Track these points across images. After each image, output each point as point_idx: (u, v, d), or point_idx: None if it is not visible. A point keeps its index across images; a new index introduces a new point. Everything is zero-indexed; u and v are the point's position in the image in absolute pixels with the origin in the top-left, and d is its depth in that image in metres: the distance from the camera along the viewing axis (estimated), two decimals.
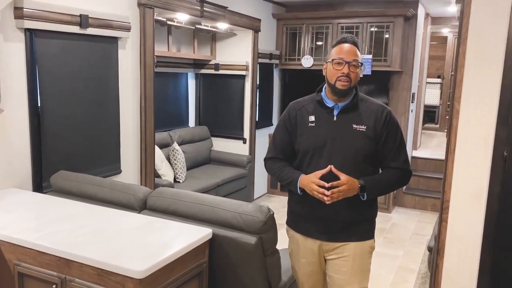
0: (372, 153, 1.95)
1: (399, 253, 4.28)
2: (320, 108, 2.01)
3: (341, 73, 1.89)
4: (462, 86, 1.59)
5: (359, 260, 2.01)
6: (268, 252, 2.19)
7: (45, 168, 2.88)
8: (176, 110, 5.27)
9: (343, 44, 1.93)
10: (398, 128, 1.99)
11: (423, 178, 5.96)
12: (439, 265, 1.70)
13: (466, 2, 1.53)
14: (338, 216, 1.97)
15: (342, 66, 1.89)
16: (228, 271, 2.21)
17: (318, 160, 1.95)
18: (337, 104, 1.98)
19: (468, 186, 1.63)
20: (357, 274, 2.02)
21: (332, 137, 1.94)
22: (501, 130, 1.54)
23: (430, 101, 9.80)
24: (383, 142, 1.95)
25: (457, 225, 1.66)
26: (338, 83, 1.90)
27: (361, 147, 1.92)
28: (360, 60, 1.93)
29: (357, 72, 1.92)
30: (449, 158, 1.64)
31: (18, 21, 2.64)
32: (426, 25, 6.49)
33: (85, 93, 3.15)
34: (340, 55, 1.90)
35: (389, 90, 5.60)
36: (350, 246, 2.00)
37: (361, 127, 1.93)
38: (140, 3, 3.50)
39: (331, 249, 2.03)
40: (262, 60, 5.48)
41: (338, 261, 2.03)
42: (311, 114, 2.01)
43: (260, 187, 5.84)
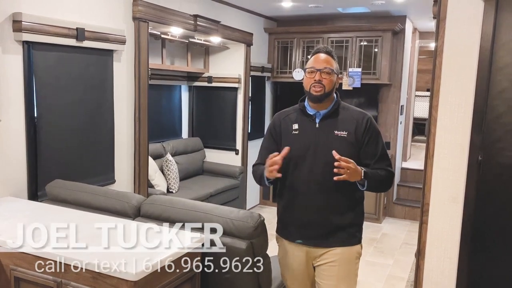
0: (354, 158, 1.99)
1: (389, 262, 4.35)
2: (303, 117, 2.10)
3: (314, 80, 2.00)
4: (439, 95, 1.69)
5: (346, 266, 2.05)
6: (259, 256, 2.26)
7: (40, 177, 2.94)
8: (170, 121, 5.35)
9: (316, 54, 2.06)
10: (379, 134, 2.07)
11: (412, 188, 6.05)
12: (420, 265, 1.78)
13: (442, 17, 1.64)
14: (323, 221, 2.03)
15: (314, 74, 2.01)
16: (220, 275, 2.26)
17: (302, 165, 2.03)
18: (318, 112, 2.07)
19: (446, 190, 1.72)
20: (344, 279, 2.06)
21: (315, 143, 2.03)
22: (475, 136, 1.64)
23: (420, 113, 9.96)
24: (365, 147, 2.03)
25: (436, 227, 1.75)
26: (312, 89, 2.01)
27: (342, 152, 1.96)
28: (333, 67, 2.02)
29: (330, 78, 2.01)
30: (428, 163, 1.74)
31: (17, 33, 2.72)
32: (414, 39, 6.66)
33: (80, 104, 3.22)
34: (312, 65, 2.03)
35: (378, 102, 5.74)
36: (336, 251, 2.04)
37: (343, 133, 2.01)
38: (135, 17, 3.61)
39: (318, 255, 2.08)
40: (254, 73, 5.59)
41: (325, 267, 2.07)
42: (295, 122, 2.10)
43: (252, 198, 5.90)
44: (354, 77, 5.38)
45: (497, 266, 1.73)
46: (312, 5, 5.06)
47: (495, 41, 1.65)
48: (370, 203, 5.40)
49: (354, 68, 5.42)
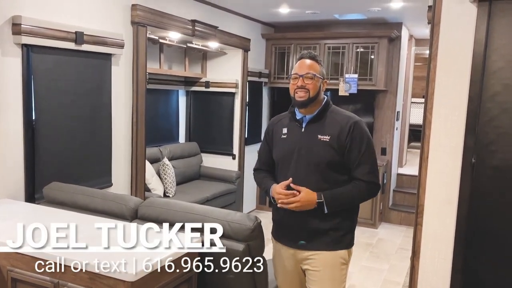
0: (337, 162, 2.01)
1: (385, 267, 4.36)
2: (292, 121, 2.14)
3: (296, 86, 2.04)
4: (433, 98, 1.73)
5: (329, 271, 2.04)
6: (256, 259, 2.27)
7: (37, 179, 2.94)
8: (167, 126, 5.37)
9: (300, 60, 2.10)
10: (363, 139, 2.01)
11: (408, 194, 6.07)
12: (415, 265, 1.80)
13: (436, 22, 1.67)
14: (306, 224, 2.04)
15: (297, 80, 2.04)
16: (217, 277, 2.27)
17: (287, 169, 2.07)
18: (305, 116, 2.10)
19: (441, 191, 1.75)
20: (327, 285, 2.04)
21: (299, 147, 2.05)
22: (469, 139, 1.67)
23: (416, 120, 10.01)
24: (347, 151, 2.01)
25: (431, 228, 1.77)
26: (296, 95, 2.05)
27: (323, 156, 1.99)
28: (316, 72, 2.04)
29: (314, 83, 2.03)
30: (422, 166, 1.76)
31: (16, 36, 2.74)
32: (410, 46, 6.72)
33: (78, 107, 3.24)
34: (295, 71, 2.07)
35: (374, 108, 5.78)
36: (320, 256, 2.05)
37: (325, 137, 2.01)
38: (134, 21, 3.64)
39: (304, 258, 2.09)
40: (251, 78, 5.63)
41: (310, 272, 2.09)
42: (285, 127, 2.15)
43: (249, 203, 5.91)
44: (350, 83, 5.43)
45: (491, 266, 1.76)
46: (309, 11, 5.12)
47: (488, 46, 1.69)
48: (366, 208, 5.43)
49: (350, 74, 5.47)
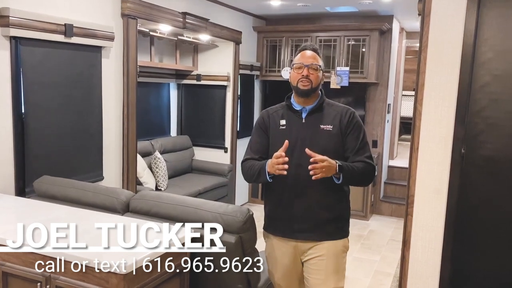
0: (339, 151, 2.05)
1: (376, 258, 4.40)
2: (289, 112, 2.14)
3: (301, 75, 2.07)
4: (423, 89, 1.74)
5: (334, 260, 2.08)
6: (248, 251, 2.28)
7: (28, 173, 2.92)
8: (158, 119, 5.35)
9: (303, 51, 2.13)
10: (361, 128, 2.10)
11: (399, 186, 6.12)
12: (405, 255, 1.82)
13: (426, 13, 1.68)
14: (311, 215, 2.06)
15: (302, 69, 2.07)
16: (209, 270, 2.28)
17: (290, 160, 2.00)
18: (304, 107, 2.12)
19: (431, 182, 1.77)
20: (333, 273, 2.08)
21: (302, 137, 2.06)
22: (459, 129, 1.69)
23: (407, 113, 10.07)
24: (346, 139, 2.07)
25: (421, 218, 1.79)
26: (299, 84, 2.07)
27: (328, 145, 2.03)
28: (319, 64, 2.09)
29: (317, 74, 2.08)
30: (413, 156, 1.78)
31: (4, 29, 2.71)
32: (401, 39, 6.74)
33: (68, 101, 3.21)
34: (300, 60, 2.10)
35: (365, 101, 5.80)
36: (324, 245, 2.07)
37: (328, 126, 2.07)
38: (124, 13, 3.60)
39: (306, 250, 2.11)
40: (243, 71, 5.61)
41: (313, 261, 2.10)
42: (282, 118, 2.14)
43: (241, 196, 5.92)
44: (342, 76, 5.44)
45: (480, 256, 1.78)
46: (301, 4, 5.10)
47: (477, 37, 1.70)
48: (358, 200, 5.46)
49: (342, 67, 5.48)
